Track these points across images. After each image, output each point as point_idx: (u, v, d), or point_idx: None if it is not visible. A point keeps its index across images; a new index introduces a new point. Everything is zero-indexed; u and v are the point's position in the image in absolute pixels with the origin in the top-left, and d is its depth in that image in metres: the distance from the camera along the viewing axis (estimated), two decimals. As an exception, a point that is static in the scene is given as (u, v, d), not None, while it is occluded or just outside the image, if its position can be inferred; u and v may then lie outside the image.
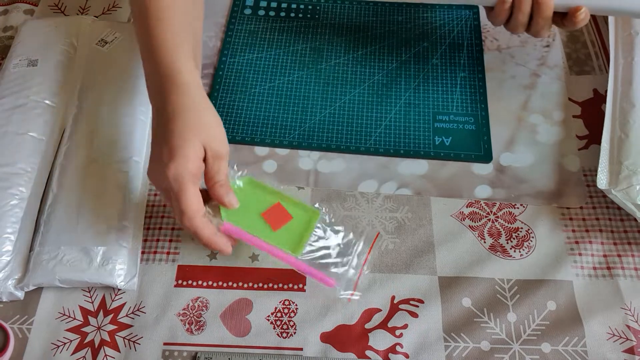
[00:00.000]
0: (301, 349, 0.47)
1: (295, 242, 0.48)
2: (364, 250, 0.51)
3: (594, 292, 0.50)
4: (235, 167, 0.51)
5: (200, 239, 0.45)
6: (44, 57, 0.60)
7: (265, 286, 0.51)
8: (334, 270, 0.48)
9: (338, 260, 0.49)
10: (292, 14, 0.69)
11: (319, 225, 0.49)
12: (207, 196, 0.47)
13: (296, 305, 0.50)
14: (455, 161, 0.58)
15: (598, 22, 0.68)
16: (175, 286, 0.51)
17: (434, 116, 0.61)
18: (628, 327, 0.48)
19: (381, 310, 0.49)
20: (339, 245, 0.49)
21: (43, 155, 0.55)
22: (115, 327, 0.48)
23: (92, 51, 0.62)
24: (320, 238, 0.49)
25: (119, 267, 0.49)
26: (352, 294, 0.48)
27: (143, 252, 0.52)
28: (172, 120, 0.44)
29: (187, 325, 0.48)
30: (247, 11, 0.70)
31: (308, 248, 0.48)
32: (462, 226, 0.54)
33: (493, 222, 0.54)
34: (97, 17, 0.69)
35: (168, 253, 0.52)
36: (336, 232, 0.50)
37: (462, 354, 0.47)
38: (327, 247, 0.49)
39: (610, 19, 0.63)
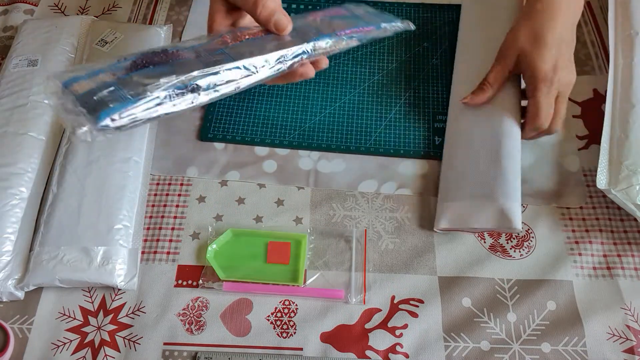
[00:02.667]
0: (301, 349, 0.47)
1: (294, 272, 0.51)
2: (360, 250, 0.52)
3: (594, 292, 0.50)
4: (210, 228, 0.53)
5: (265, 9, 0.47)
6: (44, 57, 0.60)
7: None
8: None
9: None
10: (293, 14, 0.69)
11: None
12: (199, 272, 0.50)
13: (296, 305, 0.50)
14: (455, 161, 0.58)
15: (598, 22, 0.69)
16: (175, 286, 0.51)
17: (434, 116, 0.61)
18: (628, 327, 0.48)
19: (381, 310, 0.49)
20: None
21: (43, 155, 0.55)
22: (115, 327, 0.48)
23: (92, 51, 0.62)
24: None
25: (119, 267, 0.49)
26: (364, 296, 0.49)
27: (143, 252, 0.52)
28: None
29: (187, 325, 0.48)
30: (247, 11, 0.70)
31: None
32: (462, 226, 0.54)
33: (493, 222, 0.54)
34: (97, 17, 0.69)
35: (168, 253, 0.52)
36: None
37: (462, 354, 0.47)
38: None
39: (610, 19, 0.63)
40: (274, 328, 0.48)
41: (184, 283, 0.51)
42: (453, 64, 0.63)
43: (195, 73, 0.41)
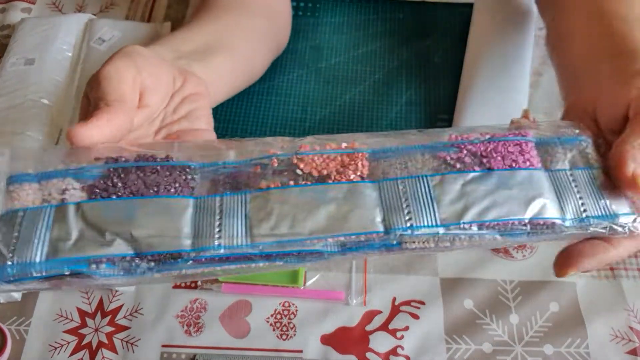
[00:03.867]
0: (301, 351, 0.47)
1: (294, 273, 0.50)
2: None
3: (597, 294, 0.49)
4: None
5: None
6: (41, 56, 0.60)
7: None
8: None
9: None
10: (292, 12, 0.69)
11: None
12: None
13: (296, 306, 0.49)
14: (456, 161, 0.57)
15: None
16: (173, 287, 0.50)
17: (435, 115, 0.60)
18: (631, 328, 0.48)
19: (382, 312, 0.49)
20: None
21: (40, 155, 0.55)
22: (113, 328, 0.48)
23: (89, 50, 0.62)
24: None
25: (117, 268, 0.49)
26: (364, 297, 0.49)
27: (141, 253, 0.52)
28: None
29: (186, 327, 0.48)
30: (247, 9, 0.69)
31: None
32: (463, 226, 0.53)
33: (495, 222, 0.54)
34: (94, 15, 0.68)
35: (166, 254, 0.52)
36: None
37: (463, 356, 0.47)
38: None
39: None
40: (274, 330, 0.48)
41: (183, 284, 0.50)
42: (455, 62, 0.63)
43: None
